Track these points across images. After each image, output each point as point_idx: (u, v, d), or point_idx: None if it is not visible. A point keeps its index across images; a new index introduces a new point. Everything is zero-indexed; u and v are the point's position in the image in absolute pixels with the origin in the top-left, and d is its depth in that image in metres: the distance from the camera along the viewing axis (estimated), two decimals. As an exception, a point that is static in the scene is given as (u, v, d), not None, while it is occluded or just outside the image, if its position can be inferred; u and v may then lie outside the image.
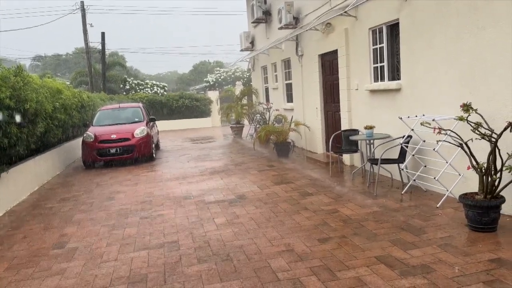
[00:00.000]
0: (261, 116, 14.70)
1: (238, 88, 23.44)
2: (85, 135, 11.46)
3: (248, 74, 32.75)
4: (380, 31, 7.47)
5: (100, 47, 26.21)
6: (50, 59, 53.09)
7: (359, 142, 7.90)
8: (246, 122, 18.11)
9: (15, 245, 5.31)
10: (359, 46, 8.07)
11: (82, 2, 23.99)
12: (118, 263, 4.51)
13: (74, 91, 12.75)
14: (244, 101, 18.22)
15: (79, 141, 12.68)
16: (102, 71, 26.47)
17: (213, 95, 26.51)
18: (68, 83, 18.74)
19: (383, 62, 7.46)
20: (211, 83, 33.24)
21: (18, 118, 6.91)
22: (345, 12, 7.76)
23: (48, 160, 10.16)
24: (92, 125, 12.21)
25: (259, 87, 16.50)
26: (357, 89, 8.28)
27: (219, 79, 33.63)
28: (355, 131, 8.10)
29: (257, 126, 15.03)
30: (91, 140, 11.23)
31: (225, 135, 18.83)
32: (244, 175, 8.82)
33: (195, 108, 25.40)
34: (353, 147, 8.03)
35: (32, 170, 8.80)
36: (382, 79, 7.55)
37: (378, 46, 7.59)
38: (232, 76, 33.51)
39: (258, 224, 5.45)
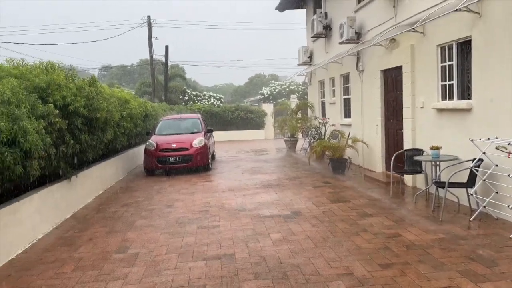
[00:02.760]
0: (316, 131, 14.54)
1: (293, 102, 23.45)
2: (147, 143, 11.98)
3: (303, 87, 32.66)
4: (450, 48, 7.13)
5: (163, 59, 27.46)
6: (116, 69, 56.47)
7: (423, 163, 7.53)
8: (300, 136, 18.01)
9: (82, 247, 5.61)
10: (425, 63, 7.76)
11: (148, 17, 25.35)
12: (177, 271, 4.60)
13: (140, 101, 13.43)
14: (299, 114, 18.16)
15: (140, 148, 13.28)
16: (164, 82, 27.66)
17: (267, 107, 26.72)
18: (132, 92, 19.77)
19: (452, 80, 7.10)
20: (266, 95, 33.53)
21: (90, 126, 7.38)
22: (413, 28, 7.51)
23: (113, 166, 10.72)
24: (154, 134, 12.74)
25: (315, 101, 16.38)
26: (422, 107, 7.94)
27: (274, 92, 33.83)
28: (419, 151, 7.75)
29: (312, 140, 14.87)
30: (153, 148, 11.71)
31: (278, 148, 18.83)
32: (298, 191, 8.73)
33: (249, 120, 25.72)
34: (416, 167, 7.67)
35: (98, 175, 9.32)
36: (451, 97, 7.18)
37: (446, 63, 7.25)
38: (287, 89, 33.58)
39: (315, 243, 5.33)
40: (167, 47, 26.96)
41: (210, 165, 12.50)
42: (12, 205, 5.50)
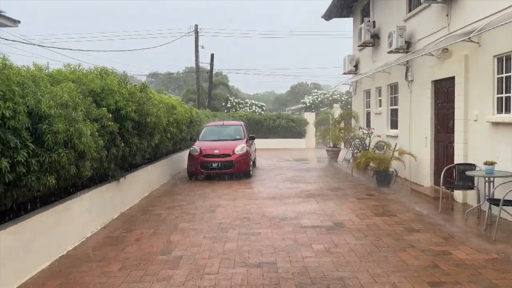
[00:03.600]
0: (360, 141, 14.22)
1: (336, 111, 23.13)
2: (191, 148, 12.24)
3: (346, 97, 32.17)
4: (508, 59, 6.76)
5: (208, 67, 28.06)
6: (163, 76, 58.34)
7: (476, 178, 7.15)
8: (342, 146, 17.71)
9: (128, 247, 5.78)
10: (480, 74, 7.40)
11: (196, 26, 26.02)
12: (219, 276, 4.63)
13: (186, 108, 13.78)
14: (342, 124, 17.88)
15: (184, 153, 13.58)
16: (208, 89, 28.24)
17: (309, 116, 26.54)
18: (179, 99, 20.32)
19: (509, 92, 6.72)
20: (308, 104, 33.34)
21: (139, 130, 7.64)
22: (468, 38, 7.20)
23: (158, 169, 11.04)
24: (198, 140, 13.00)
25: (360, 111, 16.06)
26: (475, 120, 7.57)
27: (316, 101, 33.56)
28: (471, 166, 7.37)
29: (355, 151, 14.57)
30: (197, 153, 11.95)
31: (319, 157, 18.61)
32: (341, 202, 8.56)
33: (290, 129, 25.64)
34: (468, 183, 7.30)
35: (145, 177, 9.62)
36: (507, 111, 6.79)
37: (504, 75, 6.88)
38: (330, 98, 33.21)
39: (359, 256, 5.19)
40: (212, 55, 27.52)
41: (251, 172, 12.55)
42: (64, 203, 5.77)
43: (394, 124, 12.31)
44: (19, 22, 13.41)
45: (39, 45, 20.68)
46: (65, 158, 4.95)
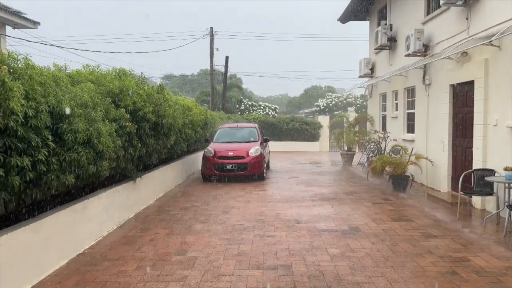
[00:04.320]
0: (376, 145, 14.09)
1: (351, 114, 22.96)
2: (206, 150, 12.28)
3: (361, 100, 31.94)
4: (530, 62, 6.63)
5: (222, 69, 28.17)
6: (177, 78, 58.79)
7: (495, 184, 7.02)
8: (357, 149, 17.57)
9: (144, 247, 5.82)
10: (501, 79, 7.27)
11: (211, 28, 26.16)
12: (234, 278, 4.62)
13: (201, 109, 13.85)
14: (357, 128, 17.75)
15: (199, 154, 13.64)
16: (222, 92, 28.34)
17: (323, 119, 26.41)
18: (194, 100, 20.45)
19: (532, 96, 6.58)
20: (322, 107, 33.18)
21: (155, 131, 7.71)
22: (489, 41, 7.08)
23: (174, 170, 11.10)
24: (213, 141, 13.04)
25: (376, 114, 15.92)
26: (495, 125, 7.43)
27: (330, 104, 33.40)
28: (490, 172, 7.23)
29: (370, 155, 14.44)
30: (211, 155, 11.98)
31: (333, 161, 18.49)
32: (357, 206, 8.48)
33: (304, 132, 25.54)
34: (487, 189, 7.16)
35: (160, 177, 9.68)
36: (529, 116, 6.65)
37: (526, 78, 6.74)
38: (344, 101, 33.03)
39: (376, 261, 5.13)
40: (227, 58, 27.60)
41: (265, 175, 12.54)
42: (82, 202, 5.84)
43: (410, 128, 12.17)
44: (39, 23, 13.69)
45: (60, 47, 21.02)
46: (84, 157, 5.02)
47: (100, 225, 6.34)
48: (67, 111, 4.78)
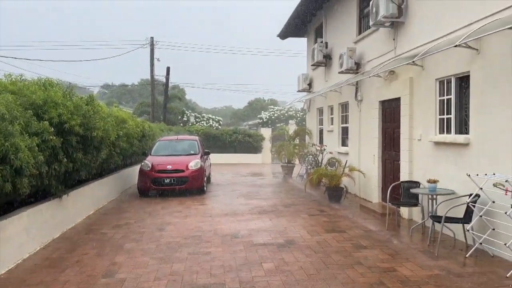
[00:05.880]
0: (314, 158, 14.49)
1: (291, 127, 23.51)
2: (143, 163, 11.87)
3: (301, 113, 32.84)
4: (448, 82, 7.18)
5: (163, 80, 27.64)
6: (117, 88, 56.79)
7: (420, 195, 7.45)
8: (297, 162, 17.95)
9: (68, 269, 5.43)
10: (424, 96, 7.80)
11: (152, 38, 25.67)
12: (164, 300, 4.44)
13: (137, 121, 13.40)
14: (297, 141, 18.16)
15: (135, 168, 13.16)
16: (163, 103, 27.77)
17: (265, 132, 26.78)
18: (131, 111, 19.79)
19: (450, 114, 7.11)
20: (264, 120, 33.66)
21: (84, 144, 7.30)
22: (412, 61, 7.57)
23: (106, 185, 10.58)
24: (151, 155, 12.65)
25: (313, 128, 16.41)
26: (419, 140, 7.92)
27: (273, 117, 33.98)
28: (416, 183, 7.68)
29: (309, 167, 14.81)
30: (148, 169, 11.60)
31: (275, 173, 18.74)
32: (293, 218, 8.59)
33: (247, 144, 25.71)
34: (413, 200, 7.59)
35: (90, 194, 9.17)
36: (448, 131, 7.18)
37: (445, 97, 7.28)
38: (286, 114, 33.76)
39: (308, 275, 5.19)
40: (168, 68, 27.20)
41: (205, 188, 12.36)
42: (-1, 223, 5.36)
43: (345, 142, 12.65)
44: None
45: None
46: (-1, 175, 4.61)
47: (20, 247, 5.84)
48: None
